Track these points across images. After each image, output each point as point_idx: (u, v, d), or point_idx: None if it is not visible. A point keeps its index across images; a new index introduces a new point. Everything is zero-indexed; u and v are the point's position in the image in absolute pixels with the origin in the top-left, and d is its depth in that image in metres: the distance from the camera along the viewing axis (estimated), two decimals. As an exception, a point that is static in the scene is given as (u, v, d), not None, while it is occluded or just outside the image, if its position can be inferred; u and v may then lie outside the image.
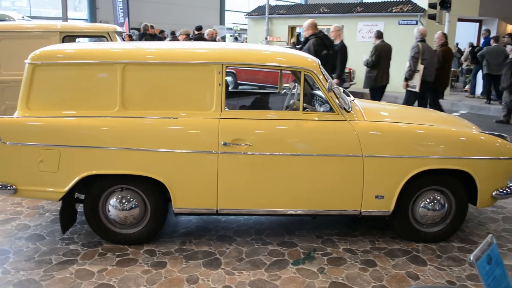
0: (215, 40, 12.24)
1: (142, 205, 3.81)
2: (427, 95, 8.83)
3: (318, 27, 7.47)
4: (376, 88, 9.02)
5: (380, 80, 8.93)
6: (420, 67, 8.35)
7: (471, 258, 1.68)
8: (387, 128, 3.85)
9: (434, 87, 8.86)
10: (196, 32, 12.76)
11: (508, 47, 10.05)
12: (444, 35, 9.33)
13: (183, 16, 25.80)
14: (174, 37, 12.95)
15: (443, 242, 4.07)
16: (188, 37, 11.67)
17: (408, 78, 8.46)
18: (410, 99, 8.57)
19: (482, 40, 14.75)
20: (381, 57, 8.88)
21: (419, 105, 8.47)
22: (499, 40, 13.12)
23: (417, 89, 8.45)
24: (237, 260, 3.68)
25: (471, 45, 15.59)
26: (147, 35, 13.55)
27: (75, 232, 4.11)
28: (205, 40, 12.87)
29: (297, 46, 8.97)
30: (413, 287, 3.28)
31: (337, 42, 8.38)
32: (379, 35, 9.22)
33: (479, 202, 3.97)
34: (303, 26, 7.54)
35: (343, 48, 8.37)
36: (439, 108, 8.84)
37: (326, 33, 8.29)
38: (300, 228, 4.30)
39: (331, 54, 7.39)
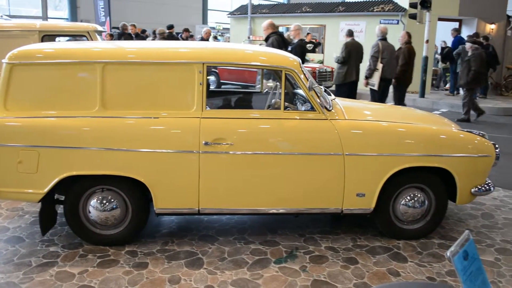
0: (208, 40, 12.20)
1: (123, 205, 3.78)
2: (387, 91, 9.20)
3: (276, 26, 8.02)
4: (344, 84, 9.18)
5: (349, 76, 9.09)
6: (380, 65, 8.68)
7: (448, 254, 1.70)
8: (367, 127, 3.88)
9: (398, 83, 9.23)
10: (167, 31, 12.91)
11: (467, 45, 10.27)
12: (408, 33, 9.61)
13: (165, 15, 25.62)
14: (155, 37, 12.95)
15: (424, 239, 4.11)
16: (163, 37, 11.71)
17: (368, 76, 8.82)
18: (375, 96, 8.89)
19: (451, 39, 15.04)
20: (351, 55, 9.05)
21: (379, 101, 8.80)
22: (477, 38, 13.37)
23: (376, 87, 8.80)
24: (219, 260, 3.67)
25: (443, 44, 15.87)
26: (125, 34, 13.43)
27: (55, 234, 4.06)
28: (176, 38, 12.90)
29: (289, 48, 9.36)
30: (393, 283, 3.31)
31: (295, 40, 8.66)
32: (350, 33, 9.43)
33: (458, 199, 4.03)
34: (263, 26, 7.93)
35: (300, 47, 8.58)
36: (402, 104, 9.27)
37: (309, 31, 8.61)
38: (283, 227, 4.31)
39: (290, 52, 7.60)
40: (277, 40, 7.47)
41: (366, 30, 15.39)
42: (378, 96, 8.93)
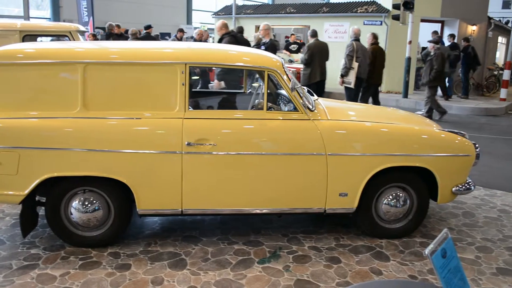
0: (206, 41, 11.97)
1: (105, 207, 3.75)
2: (360, 90, 9.46)
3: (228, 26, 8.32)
4: (310, 85, 9.29)
5: (313, 77, 9.24)
6: (355, 64, 8.91)
7: (426, 252, 1.72)
8: (350, 127, 3.90)
9: (368, 83, 9.46)
10: (144, 31, 12.97)
11: (430, 45, 10.49)
12: (373, 35, 9.90)
13: (150, 15, 25.45)
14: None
15: (406, 238, 4.16)
16: (136, 37, 11.70)
17: (344, 75, 9.01)
18: (351, 95, 9.10)
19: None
20: (314, 55, 9.20)
21: (355, 100, 9.08)
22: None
23: (352, 85, 9.02)
24: (202, 260, 3.67)
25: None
26: (113, 35, 13.33)
27: (37, 236, 4.01)
28: (154, 39, 12.85)
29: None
30: (373, 281, 3.34)
31: (266, 40, 9.00)
32: (314, 34, 9.61)
33: (439, 198, 4.08)
34: (216, 26, 8.22)
35: (272, 46, 8.91)
36: (377, 103, 9.67)
37: (293, 32, 8.82)
38: (266, 227, 4.32)
39: None
40: (230, 41, 7.77)
41: (349, 31, 15.49)
42: (354, 94, 9.15)
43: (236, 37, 8.10)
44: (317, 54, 9.22)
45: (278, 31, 18.46)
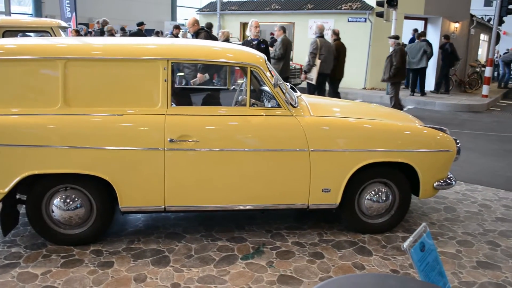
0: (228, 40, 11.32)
1: (87, 204, 3.72)
2: (324, 85, 9.80)
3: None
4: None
5: (284, 71, 9.37)
6: (318, 61, 9.16)
7: (405, 246, 1.75)
8: (332, 123, 3.92)
9: (331, 78, 9.77)
10: (136, 28, 13.19)
11: (390, 41, 10.64)
12: (334, 31, 10.17)
13: (134, 11, 25.30)
14: (124, 33, 12.79)
15: (388, 233, 4.20)
16: (111, 33, 11.68)
17: (307, 71, 9.27)
18: (311, 90, 9.36)
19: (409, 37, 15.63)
20: (286, 50, 9.34)
21: (318, 95, 9.28)
22: (420, 37, 13.90)
23: (313, 82, 9.26)
24: (186, 257, 3.66)
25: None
26: (103, 31, 13.24)
27: (18, 235, 3.97)
28: (144, 36, 12.80)
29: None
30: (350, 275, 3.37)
31: (253, 38, 9.18)
32: (283, 29, 9.72)
33: (421, 193, 4.13)
34: (188, 22, 8.38)
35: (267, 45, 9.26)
36: (338, 96, 9.93)
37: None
38: (250, 223, 4.32)
39: None
40: (206, 36, 8.06)
41: (334, 27, 15.54)
42: (314, 89, 9.39)
43: (210, 33, 8.42)
44: (289, 49, 9.45)
45: (263, 28, 18.41)
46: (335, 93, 10.15)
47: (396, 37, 10.47)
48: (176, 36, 13.14)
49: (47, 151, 3.49)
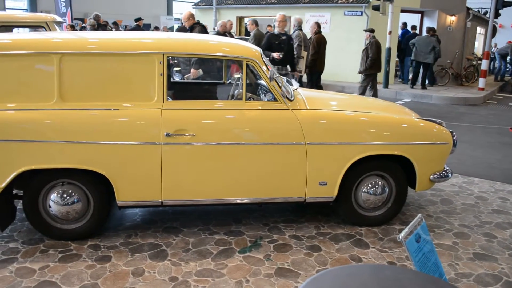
0: (229, 33, 10.97)
1: (84, 199, 3.72)
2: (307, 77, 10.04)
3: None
4: None
5: None
6: (304, 53, 9.41)
7: (400, 237, 1.76)
8: (329, 116, 3.93)
9: (310, 72, 9.88)
10: (135, 23, 13.43)
11: (366, 34, 10.64)
12: (317, 24, 10.18)
13: (129, 6, 25.20)
14: (117, 28, 12.79)
15: (385, 225, 4.22)
16: (94, 28, 11.70)
17: (296, 63, 9.22)
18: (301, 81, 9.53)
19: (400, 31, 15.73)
20: (259, 44, 9.38)
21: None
22: (430, 32, 13.96)
23: (302, 73, 9.53)
24: (183, 251, 3.67)
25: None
26: (102, 26, 13.19)
27: (15, 230, 3.97)
28: (142, 30, 12.82)
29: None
30: (346, 266, 3.39)
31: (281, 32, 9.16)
32: (256, 23, 9.93)
33: (418, 186, 4.14)
34: (184, 16, 8.33)
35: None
36: (320, 89, 10.03)
37: (274, 23, 9.00)
38: (247, 216, 4.33)
39: None
40: (201, 30, 8.09)
41: (330, 21, 15.54)
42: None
43: (204, 27, 8.43)
44: (260, 43, 9.48)
45: (260, 22, 18.39)
46: (317, 86, 10.21)
47: (372, 30, 10.50)
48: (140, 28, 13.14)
49: (44, 146, 3.49)
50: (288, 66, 8.41)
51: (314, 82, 10.17)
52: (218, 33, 10.02)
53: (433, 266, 1.89)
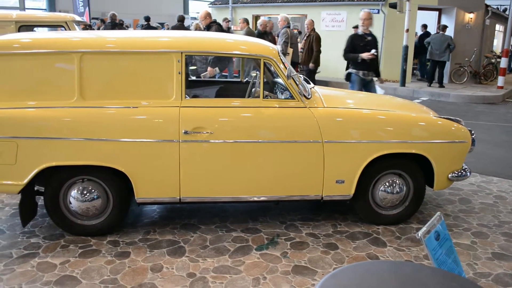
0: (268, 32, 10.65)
1: (104, 195, 3.77)
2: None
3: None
4: None
5: None
6: (290, 50, 9.52)
7: (419, 234, 1.76)
8: (346, 114, 3.92)
9: (315, 68, 10.05)
10: (145, 23, 13.47)
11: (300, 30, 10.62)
12: (312, 21, 10.34)
13: (145, 5, 25.36)
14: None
15: (402, 224, 4.20)
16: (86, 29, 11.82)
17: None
18: None
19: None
20: None
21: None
22: (445, 29, 13.84)
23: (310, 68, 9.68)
24: (201, 248, 3.70)
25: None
26: (118, 24, 13.36)
27: (36, 225, 4.04)
28: (154, 29, 12.96)
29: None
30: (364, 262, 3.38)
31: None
32: (246, 21, 10.11)
33: (436, 185, 4.11)
34: (200, 15, 8.35)
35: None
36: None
37: (291, 22, 9.04)
38: (264, 214, 4.35)
39: None
40: (218, 29, 8.11)
41: (347, 19, 15.46)
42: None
43: (221, 26, 8.48)
44: None
45: (275, 20, 18.40)
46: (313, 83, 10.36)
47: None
48: (228, 30, 12.80)
49: (64, 143, 3.55)
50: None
51: (313, 78, 10.26)
52: (258, 32, 10.03)
53: (452, 264, 1.89)
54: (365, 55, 6.90)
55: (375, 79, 7.29)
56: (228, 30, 12.04)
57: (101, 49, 3.64)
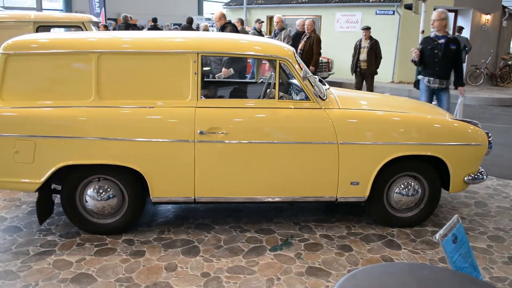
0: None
1: (119, 194, 3.81)
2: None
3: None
4: None
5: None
6: None
7: (437, 237, 1.75)
8: (361, 116, 3.91)
9: (315, 70, 9.82)
10: (152, 24, 13.68)
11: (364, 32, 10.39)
12: (314, 22, 10.14)
13: (160, 6, 25.52)
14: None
15: (417, 227, 4.17)
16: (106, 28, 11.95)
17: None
18: None
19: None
20: None
21: None
22: (461, 31, 13.71)
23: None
24: (215, 248, 3.72)
25: None
26: (132, 25, 13.50)
27: (53, 223, 4.09)
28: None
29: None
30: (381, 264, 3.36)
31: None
32: (242, 22, 10.46)
33: (451, 187, 4.07)
34: (215, 17, 8.41)
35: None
36: None
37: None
38: (278, 215, 4.35)
39: None
40: (233, 30, 8.09)
41: (361, 20, 15.40)
42: None
43: (236, 27, 8.47)
44: None
45: (290, 21, 18.39)
46: None
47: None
48: (260, 32, 12.70)
49: (81, 143, 3.59)
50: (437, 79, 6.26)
51: None
52: (297, 33, 10.05)
53: (469, 267, 1.87)
54: (414, 54, 6.28)
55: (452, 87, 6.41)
56: (260, 32, 12.11)
57: (118, 50, 3.68)
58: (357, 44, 10.00)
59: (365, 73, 10.01)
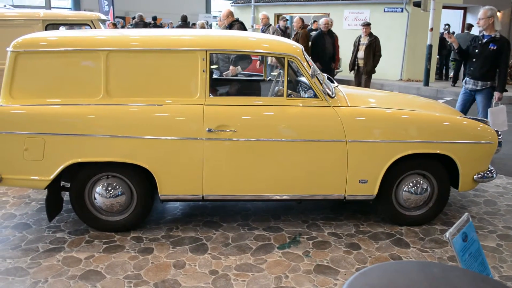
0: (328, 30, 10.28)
1: (128, 192, 3.82)
2: None
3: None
4: None
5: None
6: None
7: (447, 235, 1.74)
8: (370, 114, 3.89)
9: None
10: (153, 22, 13.80)
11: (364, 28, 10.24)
12: (302, 19, 10.29)
13: (167, 4, 25.55)
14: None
15: (426, 225, 4.15)
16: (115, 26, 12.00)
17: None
18: None
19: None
20: None
21: None
22: (470, 28, 13.60)
23: None
24: (223, 245, 3.72)
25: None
26: (147, 24, 13.60)
27: (62, 220, 4.11)
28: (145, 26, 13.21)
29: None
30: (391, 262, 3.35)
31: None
32: (238, 20, 10.26)
33: (461, 186, 4.05)
34: (223, 14, 8.37)
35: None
36: None
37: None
38: (286, 213, 4.35)
39: None
40: (240, 27, 8.04)
41: (370, 18, 15.32)
42: None
43: (243, 24, 8.42)
44: None
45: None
46: None
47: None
48: (285, 31, 12.59)
49: (90, 140, 3.60)
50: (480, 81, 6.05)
51: None
52: (321, 32, 9.94)
53: (479, 266, 1.86)
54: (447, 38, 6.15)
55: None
56: (285, 30, 12.11)
57: (127, 47, 3.68)
58: (357, 41, 9.83)
59: (362, 71, 9.76)
